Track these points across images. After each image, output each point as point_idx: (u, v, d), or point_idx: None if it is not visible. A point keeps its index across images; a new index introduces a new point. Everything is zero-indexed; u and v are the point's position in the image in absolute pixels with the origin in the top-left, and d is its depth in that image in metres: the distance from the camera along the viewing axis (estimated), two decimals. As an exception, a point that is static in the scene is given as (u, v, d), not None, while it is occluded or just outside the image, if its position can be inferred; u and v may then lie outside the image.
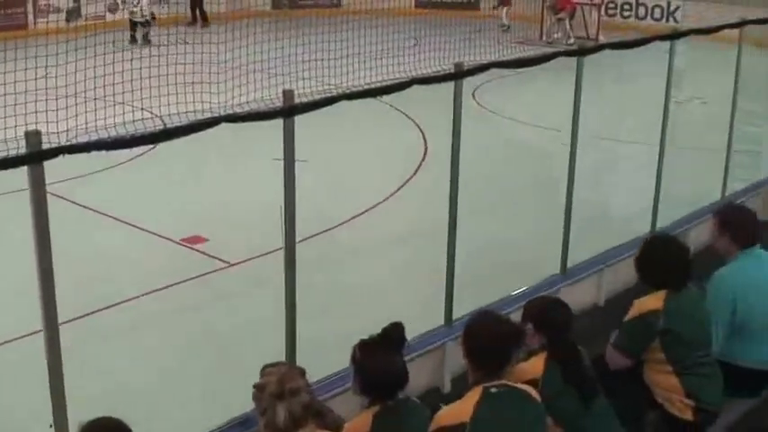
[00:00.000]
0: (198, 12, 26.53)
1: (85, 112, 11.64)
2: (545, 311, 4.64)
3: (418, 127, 14.40)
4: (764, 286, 5.23)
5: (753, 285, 5.18)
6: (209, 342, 7.69)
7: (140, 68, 12.80)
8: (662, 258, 4.99)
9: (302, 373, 3.61)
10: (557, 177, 8.10)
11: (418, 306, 7.69)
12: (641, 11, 26.96)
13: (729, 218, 5.44)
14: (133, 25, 23.38)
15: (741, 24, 10.00)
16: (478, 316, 4.29)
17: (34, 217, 4.09)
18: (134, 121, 11.08)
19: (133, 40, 22.76)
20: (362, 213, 9.83)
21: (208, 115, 5.36)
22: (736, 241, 5.31)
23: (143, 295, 8.44)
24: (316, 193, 10.19)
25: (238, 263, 9.22)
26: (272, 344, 5.59)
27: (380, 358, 4.14)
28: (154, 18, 23.76)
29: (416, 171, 12.28)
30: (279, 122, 5.30)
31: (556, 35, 24.05)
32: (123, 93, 12.27)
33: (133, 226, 10.19)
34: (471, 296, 6.76)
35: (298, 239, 5.85)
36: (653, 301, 4.89)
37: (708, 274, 5.37)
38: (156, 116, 12.02)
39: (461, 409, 3.96)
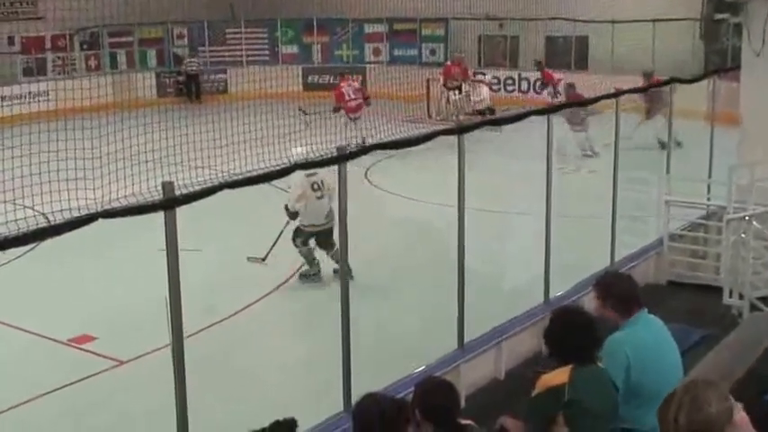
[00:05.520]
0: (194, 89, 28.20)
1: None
2: (429, 398, 4.56)
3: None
4: (655, 350, 5.24)
5: (644, 349, 5.19)
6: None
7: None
8: (569, 334, 4.92)
9: None
10: (449, 253, 8.13)
11: (315, 393, 7.57)
12: (524, 85, 27.60)
13: (607, 289, 5.41)
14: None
15: (617, 95, 10.33)
16: (363, 399, 4.31)
17: None
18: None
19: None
20: (255, 302, 9.67)
21: (85, 211, 5.19)
22: (618, 311, 5.31)
23: (31, 400, 8.06)
24: (209, 284, 10.02)
25: (129, 360, 8.94)
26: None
27: None
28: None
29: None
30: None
31: (453, 117, 24.31)
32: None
33: (18, 328, 9.77)
34: (370, 379, 6.64)
35: (188, 333, 5.69)
36: (559, 377, 4.83)
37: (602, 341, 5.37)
38: (41, 213, 11.56)
39: None
